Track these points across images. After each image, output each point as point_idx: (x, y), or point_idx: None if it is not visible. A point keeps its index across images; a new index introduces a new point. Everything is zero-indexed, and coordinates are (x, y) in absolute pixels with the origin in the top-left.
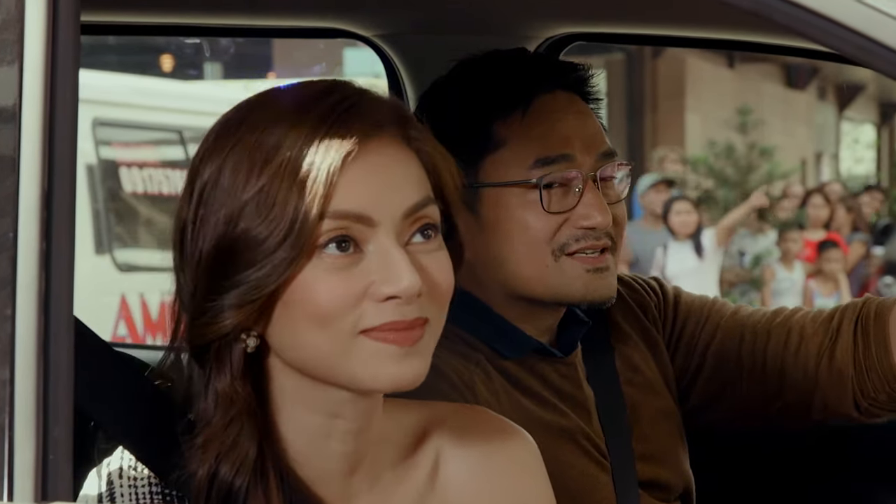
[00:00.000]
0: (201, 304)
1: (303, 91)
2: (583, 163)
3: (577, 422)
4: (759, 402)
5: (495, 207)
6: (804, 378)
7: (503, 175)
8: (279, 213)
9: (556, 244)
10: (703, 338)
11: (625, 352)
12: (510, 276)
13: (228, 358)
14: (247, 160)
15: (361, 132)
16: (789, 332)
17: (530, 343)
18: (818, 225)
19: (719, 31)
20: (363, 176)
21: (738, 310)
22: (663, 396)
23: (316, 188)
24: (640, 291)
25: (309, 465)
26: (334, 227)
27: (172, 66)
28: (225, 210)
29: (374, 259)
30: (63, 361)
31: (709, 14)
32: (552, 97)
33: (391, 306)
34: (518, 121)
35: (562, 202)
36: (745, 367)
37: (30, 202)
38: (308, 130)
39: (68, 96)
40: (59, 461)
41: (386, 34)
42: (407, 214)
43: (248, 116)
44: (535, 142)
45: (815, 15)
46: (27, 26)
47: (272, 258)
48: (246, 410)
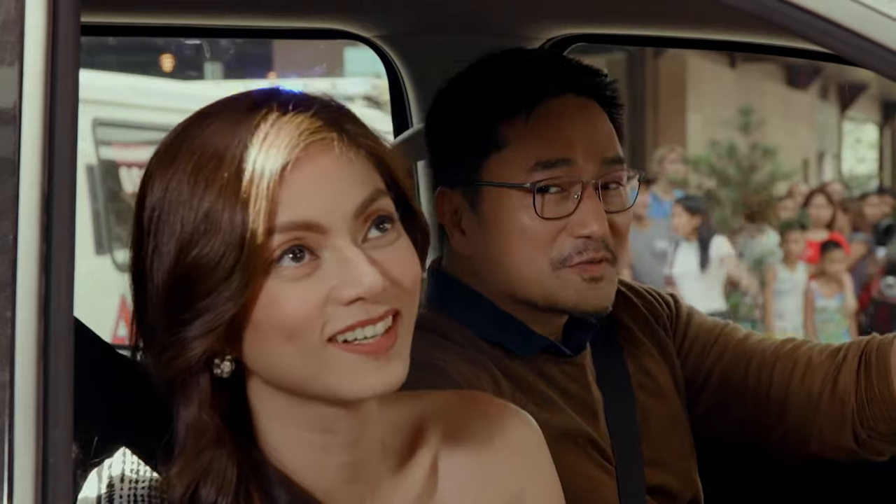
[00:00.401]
0: (164, 339)
1: (235, 105)
2: (584, 169)
3: (583, 425)
4: (759, 424)
5: (495, 207)
6: (807, 405)
7: (503, 175)
8: (228, 234)
9: (555, 255)
10: (711, 358)
11: (637, 356)
12: (507, 277)
13: (195, 389)
14: (188, 187)
15: (295, 141)
16: (796, 360)
17: (540, 340)
18: (820, 225)
19: (720, 32)
20: (306, 183)
21: (749, 336)
22: (673, 403)
23: (259, 205)
24: (653, 302)
25: (309, 478)
26: (285, 239)
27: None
28: (175, 240)
29: (331, 264)
30: (63, 364)
31: (709, 15)
32: (561, 100)
33: (357, 307)
34: (522, 122)
35: (558, 208)
36: (750, 387)
37: (30, 205)
38: (243, 146)
39: (68, 98)
40: (58, 464)
41: (386, 35)
42: (357, 213)
43: (183, 141)
44: (536, 144)
45: (815, 16)
46: (27, 27)
47: (228, 282)
48: (216, 440)
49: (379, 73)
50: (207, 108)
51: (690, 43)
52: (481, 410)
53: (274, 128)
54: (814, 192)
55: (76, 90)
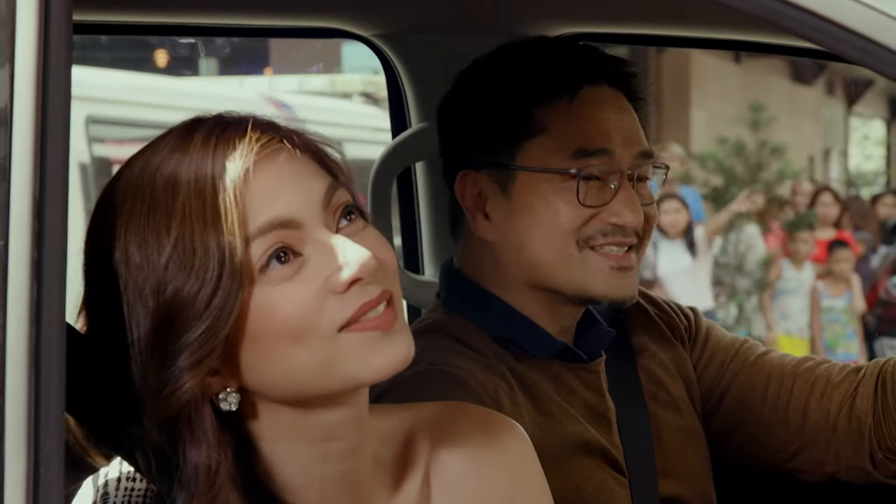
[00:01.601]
0: (157, 377)
1: (169, 135)
2: (621, 159)
3: (596, 435)
4: (775, 442)
5: (528, 192)
6: (824, 423)
7: (541, 161)
8: (203, 260)
9: (581, 235)
10: (728, 374)
11: (649, 368)
12: (532, 262)
13: (200, 427)
14: (148, 227)
15: (248, 147)
16: (815, 379)
17: (556, 343)
18: (828, 223)
19: (724, 32)
20: (269, 184)
21: (767, 353)
22: (688, 416)
23: (230, 217)
24: (671, 314)
25: (309, 494)
26: (269, 244)
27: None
28: (149, 284)
29: (317, 257)
30: (55, 373)
31: (714, 14)
32: (598, 89)
33: (355, 291)
34: (563, 109)
35: (596, 196)
36: (768, 405)
37: (21, 210)
38: (195, 165)
39: (61, 100)
40: (50, 475)
41: (385, 34)
42: (325, 202)
43: (127, 183)
44: (577, 132)
45: (823, 19)
46: (18, 27)
47: (214, 303)
48: (230, 479)
49: (377, 68)
50: (142, 148)
51: (694, 42)
52: (472, 422)
53: (221, 140)
54: (820, 191)
55: (69, 92)
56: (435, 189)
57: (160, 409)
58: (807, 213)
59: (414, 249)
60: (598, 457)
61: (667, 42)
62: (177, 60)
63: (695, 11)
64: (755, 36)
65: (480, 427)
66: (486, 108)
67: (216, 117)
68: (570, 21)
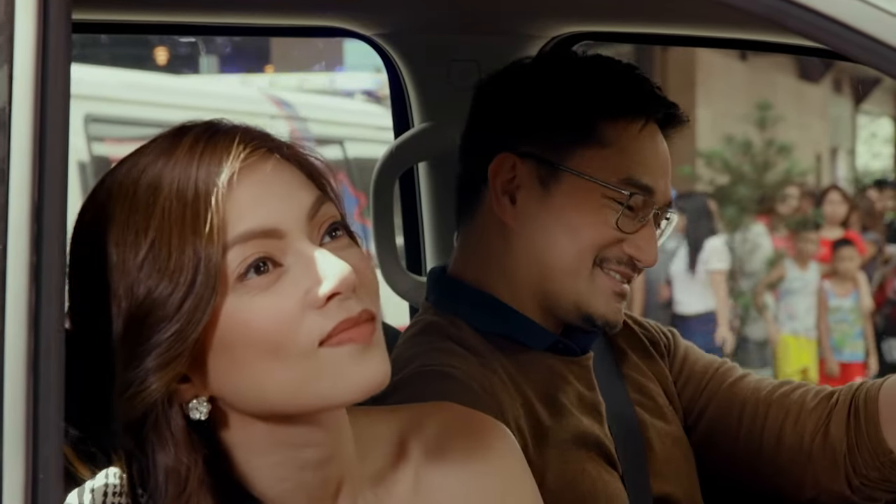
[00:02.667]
0: (123, 377)
1: (155, 144)
2: (658, 200)
3: (592, 426)
4: (751, 468)
5: (569, 196)
6: (799, 452)
7: (593, 171)
8: (178, 263)
9: (601, 254)
10: (702, 401)
11: (633, 377)
12: (544, 261)
13: (167, 429)
14: (128, 228)
15: (235, 153)
16: (789, 407)
17: (549, 335)
18: (835, 223)
19: (728, 31)
20: (253, 192)
21: (743, 378)
22: (673, 423)
23: (211, 221)
24: (652, 331)
25: (287, 501)
26: (248, 253)
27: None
28: (122, 284)
29: (297, 269)
30: (53, 378)
31: (718, 13)
32: (653, 126)
33: (335, 306)
34: (633, 133)
35: (628, 224)
36: (743, 433)
37: (20, 214)
38: (180, 170)
39: (60, 101)
40: (49, 480)
41: (387, 33)
42: (311, 215)
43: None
44: (636, 159)
45: (827, 19)
46: (17, 29)
47: (184, 307)
48: (199, 483)
49: (380, 66)
50: (128, 156)
51: (699, 41)
52: (459, 423)
53: (209, 146)
54: (828, 189)
55: (68, 93)
56: (437, 189)
57: (125, 409)
58: (813, 212)
59: (416, 250)
60: (593, 448)
61: (669, 41)
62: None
63: (698, 10)
64: (759, 35)
65: (469, 432)
66: (554, 102)
67: (206, 123)
68: (573, 20)
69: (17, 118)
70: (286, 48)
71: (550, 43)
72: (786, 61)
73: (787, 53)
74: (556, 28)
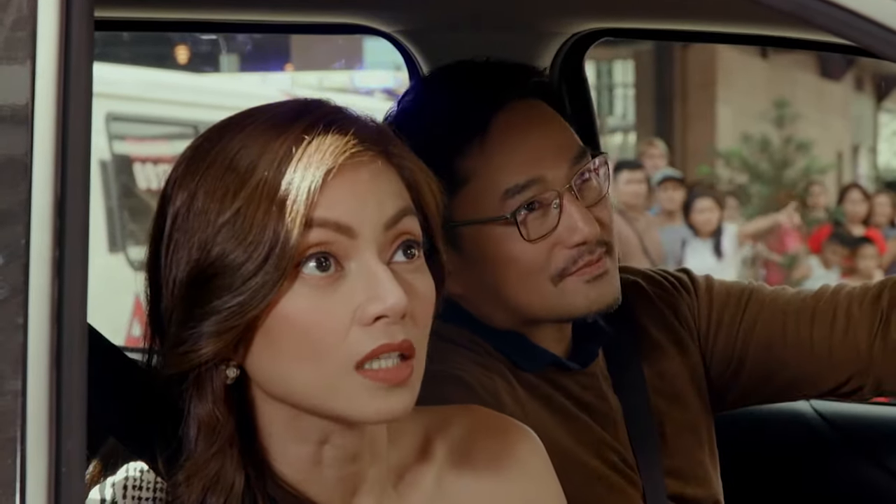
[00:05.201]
0: (178, 333)
1: (277, 111)
2: (555, 178)
3: (603, 434)
4: (809, 381)
5: (476, 244)
6: (857, 358)
7: (475, 211)
8: (258, 236)
9: (553, 270)
10: (744, 327)
11: (652, 358)
12: (507, 304)
13: (209, 384)
14: (220, 184)
15: (339, 149)
16: (835, 316)
17: (546, 356)
18: (856, 221)
19: (750, 27)
20: (343, 190)
21: (778, 295)
22: (690, 407)
23: (297, 206)
24: (670, 290)
25: (307, 492)
26: (315, 240)
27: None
28: (199, 235)
29: (356, 278)
30: (76, 372)
31: (739, 9)
32: (508, 113)
33: (380, 328)
34: (478, 151)
35: (543, 224)
36: (791, 352)
37: (42, 208)
38: (284, 151)
39: (82, 97)
40: (72, 474)
41: (407, 30)
42: (388, 226)
43: (220, 141)
44: (500, 171)
45: (855, 15)
46: (40, 24)
47: (251, 282)
48: (229, 439)
49: (400, 64)
50: (245, 111)
51: (719, 37)
52: (485, 425)
53: (320, 136)
54: (848, 188)
55: (90, 89)
56: None
57: (174, 363)
58: (835, 210)
59: None
60: (606, 456)
61: (691, 38)
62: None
63: (720, 6)
64: (781, 31)
65: (495, 435)
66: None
67: (329, 109)
68: (594, 16)
69: (40, 113)
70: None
71: (571, 40)
72: (807, 59)
73: (810, 50)
74: (577, 25)
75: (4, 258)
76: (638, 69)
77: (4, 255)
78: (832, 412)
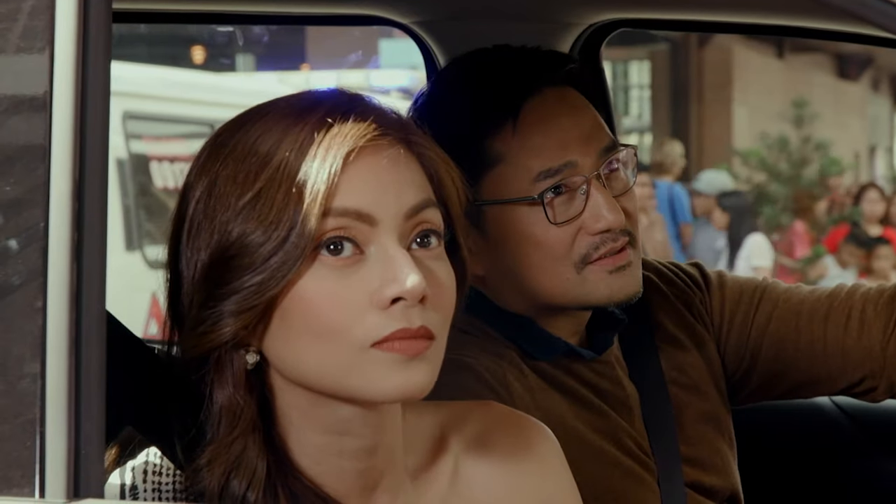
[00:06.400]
0: (199, 314)
1: (297, 100)
2: (584, 165)
3: (619, 421)
4: (822, 380)
5: (501, 225)
6: (870, 359)
7: (504, 191)
8: (277, 217)
9: (576, 256)
10: (756, 325)
11: (669, 352)
12: (528, 289)
13: (230, 368)
14: (241, 168)
15: (360, 135)
16: (849, 316)
17: (559, 345)
18: (874, 220)
19: (767, 17)
20: (364, 176)
21: (792, 294)
22: (709, 398)
23: (317, 188)
24: (682, 286)
25: (325, 484)
26: (335, 225)
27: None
28: (220, 217)
29: (375, 262)
30: (95, 355)
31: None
32: (541, 98)
33: (398, 311)
34: (510, 134)
35: (568, 209)
36: (804, 351)
37: (61, 192)
38: (305, 135)
39: (100, 84)
40: (91, 456)
41: (424, 21)
42: (409, 215)
43: (240, 129)
44: (533, 154)
45: None
46: (58, 12)
47: (271, 261)
48: (251, 423)
49: (414, 63)
50: (266, 103)
51: (739, 28)
52: (503, 422)
53: (341, 119)
54: (865, 187)
55: (108, 76)
56: None
57: (195, 344)
58: (852, 210)
59: None
60: (622, 443)
61: (709, 28)
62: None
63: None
64: (802, 21)
65: (511, 432)
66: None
67: (350, 97)
68: (611, 7)
69: (59, 99)
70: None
71: (589, 30)
72: (823, 59)
73: (831, 40)
74: (595, 15)
75: (23, 242)
76: (654, 69)
77: (23, 239)
78: (852, 406)
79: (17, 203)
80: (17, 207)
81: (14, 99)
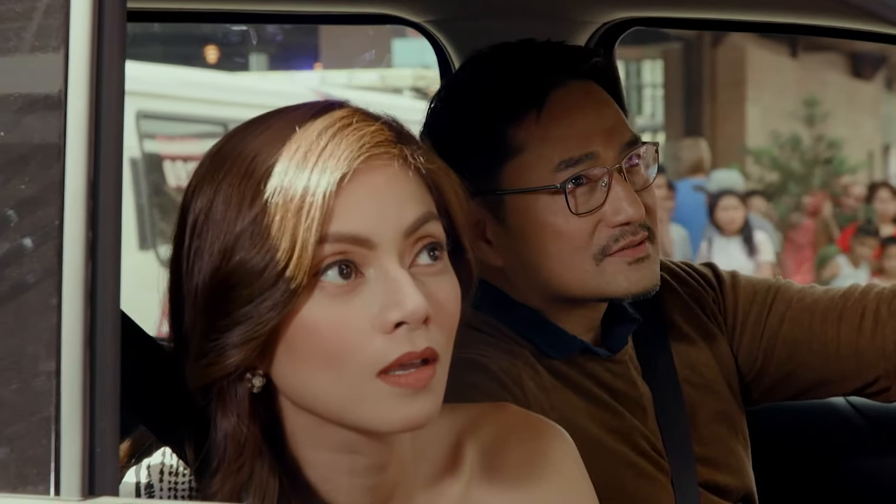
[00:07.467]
0: (201, 345)
1: (294, 115)
2: (606, 157)
3: (633, 420)
4: (836, 381)
5: (522, 214)
6: (884, 360)
7: (526, 180)
8: (275, 242)
9: (595, 248)
10: (769, 325)
11: (682, 350)
12: (546, 280)
13: (234, 397)
14: (238, 190)
15: (356, 153)
16: (863, 316)
17: (575, 343)
18: (887, 220)
19: (784, 15)
20: (360, 197)
21: (805, 294)
22: (722, 397)
23: (312, 213)
24: (695, 286)
25: (336, 501)
26: (333, 251)
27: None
28: (219, 243)
29: (376, 285)
30: (109, 352)
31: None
32: (566, 90)
33: (401, 335)
34: (534, 123)
35: (589, 201)
36: (817, 351)
37: (75, 190)
38: (300, 156)
39: (114, 82)
40: (106, 454)
41: (437, 19)
42: (408, 233)
43: (237, 145)
44: (555, 143)
45: None
46: (73, 11)
47: (272, 291)
48: (257, 452)
49: (427, 63)
50: (262, 115)
51: (754, 26)
52: (517, 426)
53: (335, 139)
54: (877, 186)
55: (122, 74)
56: None
57: (199, 375)
58: (864, 209)
59: None
60: (636, 443)
61: (723, 26)
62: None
63: None
64: (816, 19)
65: (527, 434)
66: (463, 134)
67: (347, 111)
68: (625, 5)
69: (73, 97)
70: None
71: (602, 29)
72: (837, 59)
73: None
74: (608, 13)
75: (38, 240)
76: (667, 69)
77: (38, 237)
78: (867, 406)
79: (32, 201)
80: (32, 206)
81: (29, 98)
